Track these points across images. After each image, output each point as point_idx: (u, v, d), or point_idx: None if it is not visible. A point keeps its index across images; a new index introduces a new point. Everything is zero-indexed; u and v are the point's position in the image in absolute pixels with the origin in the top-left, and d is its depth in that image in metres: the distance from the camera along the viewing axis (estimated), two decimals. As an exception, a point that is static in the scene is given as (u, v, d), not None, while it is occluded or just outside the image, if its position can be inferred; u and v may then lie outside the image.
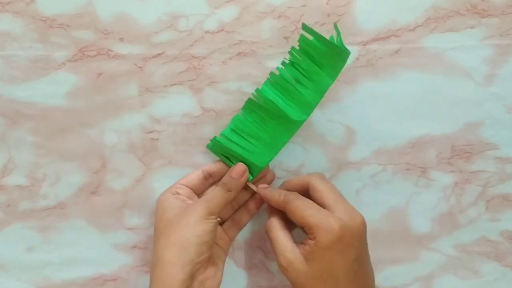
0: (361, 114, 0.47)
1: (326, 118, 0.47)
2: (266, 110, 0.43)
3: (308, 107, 0.43)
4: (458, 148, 0.48)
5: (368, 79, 0.46)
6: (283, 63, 0.43)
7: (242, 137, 0.44)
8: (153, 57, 0.46)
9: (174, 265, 0.39)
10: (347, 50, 0.42)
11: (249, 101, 0.44)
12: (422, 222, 0.48)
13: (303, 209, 0.40)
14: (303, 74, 0.42)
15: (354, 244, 0.39)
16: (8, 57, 0.45)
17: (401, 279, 0.49)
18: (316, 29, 0.46)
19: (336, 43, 0.42)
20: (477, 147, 0.48)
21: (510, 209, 0.49)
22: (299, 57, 0.42)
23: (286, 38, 0.46)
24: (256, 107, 0.44)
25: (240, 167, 0.44)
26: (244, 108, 0.45)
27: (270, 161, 0.45)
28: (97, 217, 0.47)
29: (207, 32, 0.46)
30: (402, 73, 0.47)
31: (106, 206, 0.47)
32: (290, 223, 0.43)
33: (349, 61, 0.46)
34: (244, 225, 0.46)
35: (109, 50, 0.46)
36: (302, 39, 0.42)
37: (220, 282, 0.43)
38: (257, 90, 0.43)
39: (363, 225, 0.40)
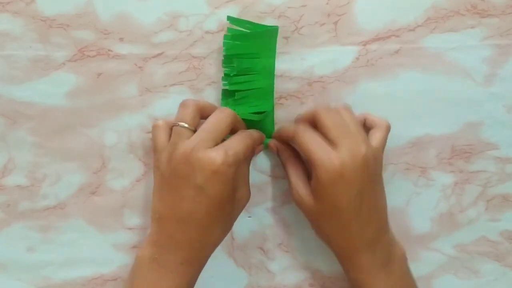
0: (361, 114, 0.47)
1: (326, 118, 0.47)
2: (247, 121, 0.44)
3: (269, 93, 0.45)
4: (458, 148, 0.48)
5: (368, 79, 0.46)
6: (224, 77, 0.44)
7: None
8: (153, 57, 0.46)
9: None
10: (272, 26, 0.44)
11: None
12: (422, 222, 0.48)
13: (307, 144, 0.41)
14: (247, 74, 0.44)
15: (356, 180, 0.40)
16: (8, 57, 0.45)
17: (401, 279, 0.49)
18: (316, 29, 0.46)
19: (258, 29, 0.44)
20: (477, 147, 0.48)
21: (510, 209, 0.49)
22: (234, 64, 0.43)
23: (286, 38, 0.46)
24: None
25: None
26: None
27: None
28: (97, 217, 0.47)
29: (207, 32, 0.46)
30: (402, 73, 0.47)
31: (106, 206, 0.47)
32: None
33: (349, 61, 0.46)
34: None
35: (109, 50, 0.46)
36: (227, 47, 0.43)
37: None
38: None
39: (366, 158, 0.40)
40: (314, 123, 0.42)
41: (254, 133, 0.43)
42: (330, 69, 0.46)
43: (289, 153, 0.45)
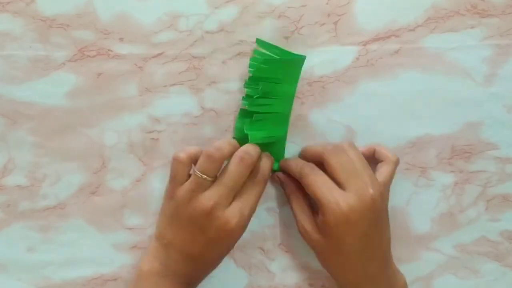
0: (361, 114, 0.47)
1: (326, 118, 0.47)
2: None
3: (285, 119, 0.45)
4: (458, 148, 0.48)
5: (368, 79, 0.46)
6: (245, 97, 0.45)
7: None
8: (153, 57, 0.46)
9: None
10: (301, 55, 0.44)
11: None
12: (422, 222, 0.48)
13: (315, 186, 0.41)
14: (268, 97, 0.43)
15: (363, 222, 0.40)
16: (8, 57, 0.45)
17: (401, 279, 0.49)
18: (316, 29, 0.46)
19: (286, 56, 0.44)
20: (477, 147, 0.48)
21: (510, 209, 0.49)
22: (259, 86, 0.43)
23: (286, 38, 0.46)
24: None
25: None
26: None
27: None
28: (97, 217, 0.47)
29: (207, 32, 0.46)
30: (402, 73, 0.47)
31: (106, 206, 0.47)
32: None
33: (349, 61, 0.46)
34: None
35: (109, 50, 0.46)
36: (255, 68, 0.44)
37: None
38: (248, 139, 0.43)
39: (374, 199, 0.40)
40: (320, 161, 0.43)
41: (266, 170, 0.43)
42: (330, 69, 0.46)
43: (293, 186, 0.45)
